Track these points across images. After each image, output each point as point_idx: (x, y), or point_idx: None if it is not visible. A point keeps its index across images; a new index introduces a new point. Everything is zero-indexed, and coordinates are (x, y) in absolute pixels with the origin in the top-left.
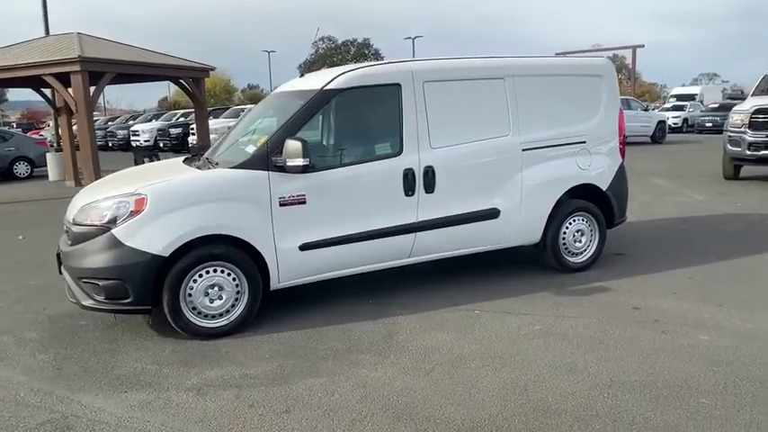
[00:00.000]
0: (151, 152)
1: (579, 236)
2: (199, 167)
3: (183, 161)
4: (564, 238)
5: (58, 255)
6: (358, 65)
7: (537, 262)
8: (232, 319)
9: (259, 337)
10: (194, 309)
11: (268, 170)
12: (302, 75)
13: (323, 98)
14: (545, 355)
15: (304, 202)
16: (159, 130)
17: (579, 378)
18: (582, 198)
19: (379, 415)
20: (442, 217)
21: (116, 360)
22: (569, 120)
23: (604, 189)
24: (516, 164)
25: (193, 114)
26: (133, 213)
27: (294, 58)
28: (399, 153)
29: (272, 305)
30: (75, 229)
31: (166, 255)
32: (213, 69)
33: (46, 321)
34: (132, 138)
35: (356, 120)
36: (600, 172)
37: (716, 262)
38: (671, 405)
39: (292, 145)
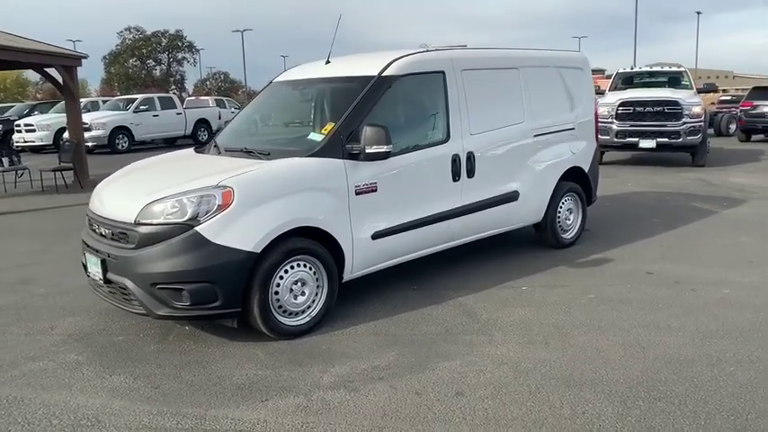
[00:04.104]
0: (11, 150)
1: (569, 214)
2: (232, 157)
3: (195, 150)
4: (559, 217)
5: (103, 261)
6: (401, 52)
7: (520, 241)
8: (313, 314)
9: (343, 330)
10: (280, 307)
11: (343, 158)
12: (327, 61)
13: (382, 84)
14: (625, 318)
15: (375, 190)
16: None
17: (674, 334)
18: (569, 180)
19: (549, 385)
20: (479, 201)
21: (213, 370)
22: (563, 108)
23: (586, 171)
24: (530, 149)
25: (12, 110)
26: (220, 208)
27: (98, 48)
28: (447, 139)
29: None
30: (141, 229)
31: (258, 251)
32: (86, 57)
33: (72, 341)
34: None
35: (410, 106)
36: (584, 155)
37: (668, 231)
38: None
39: (374, 131)
